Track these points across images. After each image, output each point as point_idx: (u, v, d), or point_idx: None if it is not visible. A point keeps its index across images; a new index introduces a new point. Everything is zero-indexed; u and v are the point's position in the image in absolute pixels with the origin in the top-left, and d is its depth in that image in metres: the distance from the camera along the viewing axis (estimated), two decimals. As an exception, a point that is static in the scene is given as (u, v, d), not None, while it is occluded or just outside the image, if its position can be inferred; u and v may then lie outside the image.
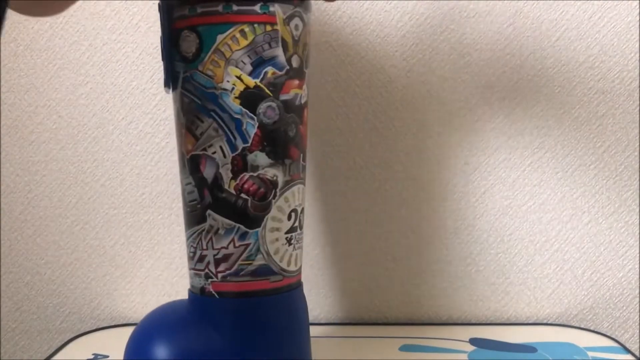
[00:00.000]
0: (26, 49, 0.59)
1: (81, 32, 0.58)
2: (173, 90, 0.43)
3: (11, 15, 0.58)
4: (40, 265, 0.62)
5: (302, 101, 0.43)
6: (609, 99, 0.57)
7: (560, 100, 0.57)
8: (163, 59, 0.42)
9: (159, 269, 0.62)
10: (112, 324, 0.63)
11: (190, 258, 0.44)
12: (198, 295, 0.43)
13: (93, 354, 0.55)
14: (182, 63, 0.42)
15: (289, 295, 0.43)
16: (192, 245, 0.43)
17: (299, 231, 0.44)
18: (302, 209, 0.45)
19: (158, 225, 0.61)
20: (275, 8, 0.40)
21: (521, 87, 0.57)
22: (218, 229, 0.42)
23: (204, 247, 0.43)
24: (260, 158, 0.41)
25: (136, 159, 0.60)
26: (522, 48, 0.57)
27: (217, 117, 0.41)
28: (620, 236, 0.59)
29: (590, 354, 0.52)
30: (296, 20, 0.42)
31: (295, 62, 0.42)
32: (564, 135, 0.58)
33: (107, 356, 0.53)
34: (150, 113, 0.60)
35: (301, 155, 0.43)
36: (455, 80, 0.57)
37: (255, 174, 0.41)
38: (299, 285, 0.45)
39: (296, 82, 0.42)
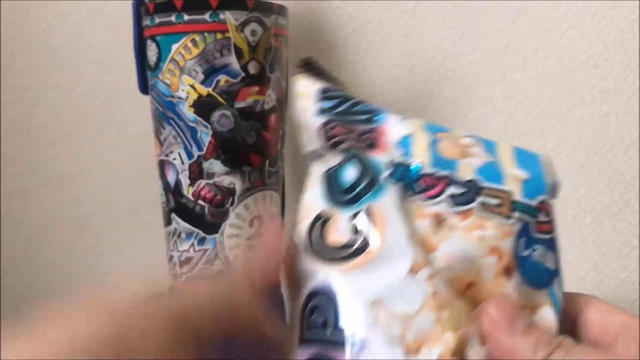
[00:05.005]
0: (24, 49, 0.58)
1: (79, 31, 0.58)
2: (146, 94, 0.44)
3: (9, 13, 0.58)
4: (38, 266, 0.62)
5: (266, 107, 0.43)
6: (612, 98, 0.57)
7: (562, 100, 0.57)
8: (136, 65, 0.44)
9: (157, 270, 0.62)
10: (111, 325, 0.62)
11: (167, 256, 0.45)
12: None
13: (91, 356, 0.54)
14: (149, 70, 0.43)
15: None
16: (166, 245, 0.45)
17: None
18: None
19: (156, 226, 0.61)
20: (226, 15, 0.40)
21: (523, 86, 0.57)
22: (180, 233, 0.43)
23: (172, 248, 0.44)
24: (215, 166, 0.42)
25: (134, 159, 0.60)
26: (524, 46, 0.56)
27: (175, 125, 0.42)
28: (623, 237, 0.59)
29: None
30: (252, 26, 0.41)
31: (253, 69, 0.41)
32: (567, 135, 0.57)
33: (106, 358, 0.53)
34: (148, 112, 0.59)
35: (266, 161, 0.43)
36: (457, 78, 0.57)
37: (211, 182, 0.42)
38: None
39: (255, 88, 0.42)
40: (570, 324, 0.29)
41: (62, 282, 0.62)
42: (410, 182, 0.27)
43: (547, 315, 0.28)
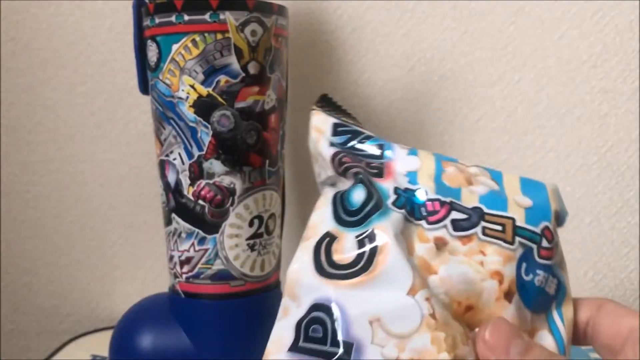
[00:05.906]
0: (24, 49, 0.58)
1: (79, 32, 0.58)
2: (146, 94, 0.45)
3: (9, 13, 0.58)
4: (38, 266, 0.62)
5: (266, 107, 0.43)
6: (611, 98, 0.57)
7: (562, 100, 0.57)
8: (136, 65, 0.44)
9: (157, 270, 0.62)
10: (111, 325, 0.62)
11: (168, 256, 0.45)
12: (171, 293, 0.45)
13: (91, 355, 0.54)
14: (149, 71, 0.43)
15: (252, 300, 0.44)
16: (167, 244, 0.45)
17: (266, 237, 0.44)
18: (273, 215, 0.45)
19: (157, 226, 0.61)
20: (227, 15, 0.40)
21: (523, 86, 0.57)
22: (181, 232, 0.43)
23: (172, 247, 0.44)
24: (215, 166, 0.42)
25: (135, 159, 0.60)
26: (524, 46, 0.56)
27: (175, 125, 0.42)
28: (622, 237, 0.59)
29: (592, 354, 0.52)
30: (252, 26, 0.41)
31: (253, 69, 0.42)
32: (566, 135, 0.57)
33: (106, 357, 0.53)
34: (148, 112, 0.59)
35: (266, 161, 0.43)
36: (456, 79, 0.57)
37: (211, 181, 0.42)
38: (268, 289, 0.45)
39: (255, 88, 0.42)
40: (582, 329, 0.29)
41: (62, 282, 0.62)
42: (414, 208, 0.29)
43: (544, 340, 0.28)
